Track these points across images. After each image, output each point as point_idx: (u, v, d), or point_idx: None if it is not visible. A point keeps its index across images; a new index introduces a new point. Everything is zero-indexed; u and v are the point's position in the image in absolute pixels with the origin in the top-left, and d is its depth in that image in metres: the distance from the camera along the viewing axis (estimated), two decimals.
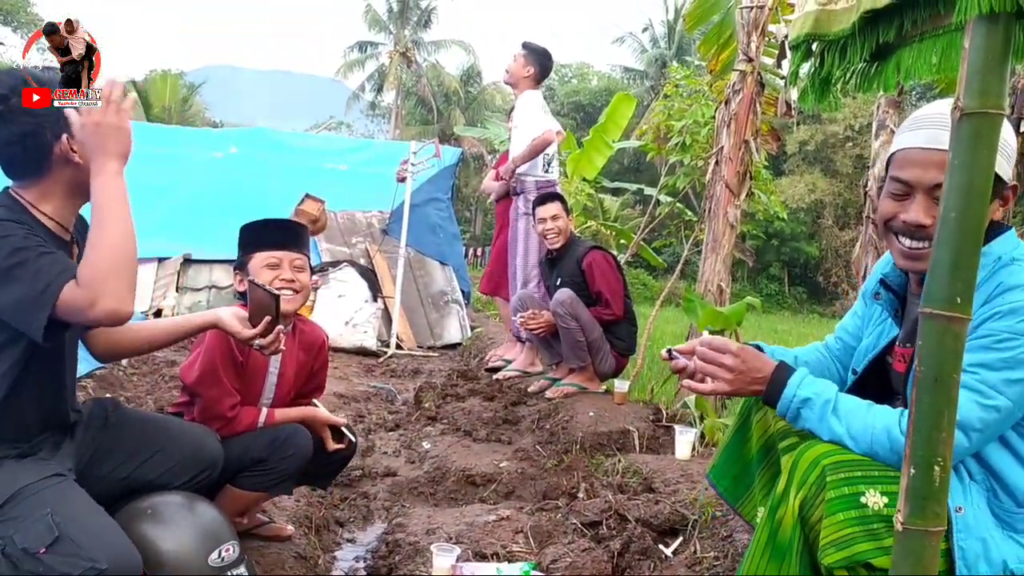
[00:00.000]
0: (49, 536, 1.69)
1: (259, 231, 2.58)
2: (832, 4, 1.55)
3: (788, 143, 28.88)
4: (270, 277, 2.47)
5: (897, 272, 1.90)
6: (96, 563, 1.67)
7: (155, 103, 31.27)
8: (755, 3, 4.84)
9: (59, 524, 1.71)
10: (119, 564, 1.71)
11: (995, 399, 1.55)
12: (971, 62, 1.20)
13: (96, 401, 2.21)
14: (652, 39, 39.54)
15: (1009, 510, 1.63)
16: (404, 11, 42.18)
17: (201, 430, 2.26)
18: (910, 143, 1.72)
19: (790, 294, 31.09)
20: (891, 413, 1.66)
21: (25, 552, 1.69)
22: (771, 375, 1.80)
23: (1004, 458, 1.64)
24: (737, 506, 2.13)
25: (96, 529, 1.76)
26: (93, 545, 1.70)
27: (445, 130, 36.02)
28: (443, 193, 9.45)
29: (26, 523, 1.72)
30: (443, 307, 8.57)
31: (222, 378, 2.38)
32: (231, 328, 2.15)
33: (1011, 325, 1.55)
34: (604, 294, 4.87)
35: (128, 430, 2.13)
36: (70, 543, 1.69)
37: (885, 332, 1.94)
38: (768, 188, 6.39)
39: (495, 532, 2.97)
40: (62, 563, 1.67)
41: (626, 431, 4.12)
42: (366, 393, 5.76)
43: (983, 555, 1.58)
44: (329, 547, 3.09)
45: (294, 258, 2.55)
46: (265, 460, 2.40)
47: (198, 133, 11.80)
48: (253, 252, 2.53)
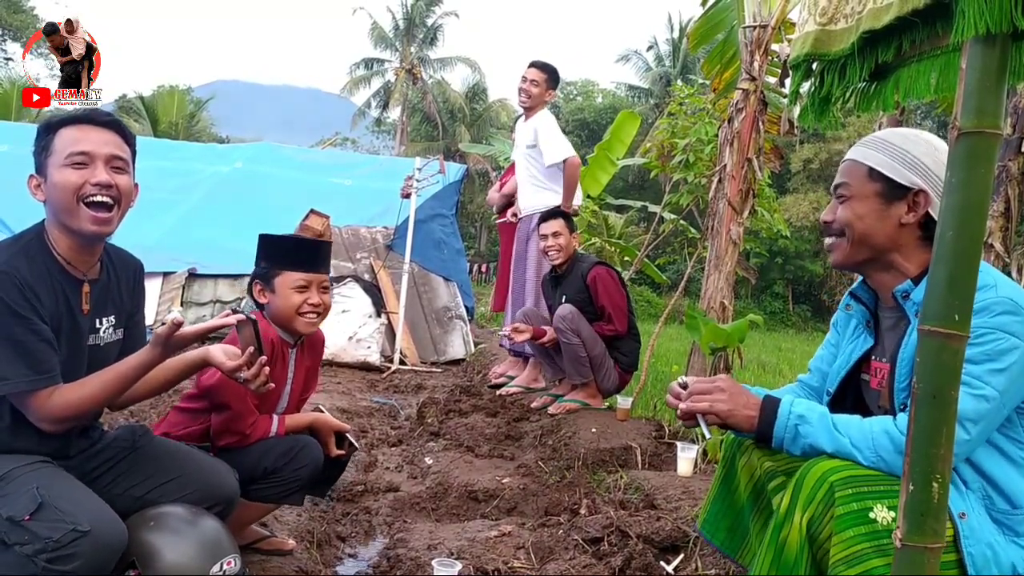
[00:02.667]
0: (32, 504, 1.73)
1: (291, 250, 2.58)
2: (832, 24, 1.57)
3: (792, 161, 28.95)
4: (299, 300, 2.50)
5: (864, 288, 1.98)
6: (79, 525, 1.70)
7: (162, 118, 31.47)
8: (758, 22, 4.88)
9: (43, 494, 1.75)
10: (102, 528, 1.74)
11: (983, 389, 1.61)
12: (968, 82, 1.21)
13: (127, 426, 2.28)
14: (657, 57, 39.77)
15: (1006, 512, 1.67)
16: (410, 29, 42.46)
17: (223, 466, 2.26)
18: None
19: (794, 312, 31.05)
20: (884, 419, 1.71)
21: (11, 521, 1.73)
22: (762, 402, 1.84)
23: (996, 462, 1.69)
24: (737, 557, 2.13)
25: (79, 498, 1.80)
26: (75, 511, 1.74)
27: (450, 146, 36.19)
28: (447, 209, 9.49)
29: (11, 497, 1.77)
30: (447, 323, 8.58)
31: (245, 396, 2.38)
32: (216, 361, 2.09)
33: (984, 321, 1.62)
34: (607, 308, 4.88)
35: (152, 454, 2.17)
36: (53, 510, 1.73)
37: (859, 346, 1.98)
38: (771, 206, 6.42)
39: (496, 548, 2.97)
40: (45, 528, 1.70)
41: (628, 448, 4.12)
42: (369, 408, 5.76)
43: (992, 559, 1.61)
44: (331, 562, 3.09)
45: (322, 280, 2.57)
46: (279, 471, 2.41)
47: (204, 148, 11.87)
48: (281, 269, 2.53)
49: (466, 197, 30.18)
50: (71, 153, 1.90)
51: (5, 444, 1.91)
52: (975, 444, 1.65)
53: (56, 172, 1.90)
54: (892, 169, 1.78)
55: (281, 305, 2.53)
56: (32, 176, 1.95)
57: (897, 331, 1.85)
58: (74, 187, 1.88)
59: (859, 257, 1.86)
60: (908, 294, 1.79)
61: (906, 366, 1.76)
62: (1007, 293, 1.65)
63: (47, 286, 1.91)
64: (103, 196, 1.91)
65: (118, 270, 2.15)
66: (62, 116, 1.97)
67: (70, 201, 1.89)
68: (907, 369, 1.76)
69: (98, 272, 2.07)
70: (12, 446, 1.91)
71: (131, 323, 2.18)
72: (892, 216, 1.79)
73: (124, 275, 2.17)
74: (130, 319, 2.18)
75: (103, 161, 1.92)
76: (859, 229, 1.82)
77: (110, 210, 1.93)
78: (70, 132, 1.93)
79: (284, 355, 2.61)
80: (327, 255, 2.66)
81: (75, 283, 2.00)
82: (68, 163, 1.89)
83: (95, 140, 1.93)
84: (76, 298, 1.99)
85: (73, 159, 1.90)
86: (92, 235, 1.93)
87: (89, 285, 2.03)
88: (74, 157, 1.89)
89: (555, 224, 5.10)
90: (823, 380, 2.12)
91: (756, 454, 2.03)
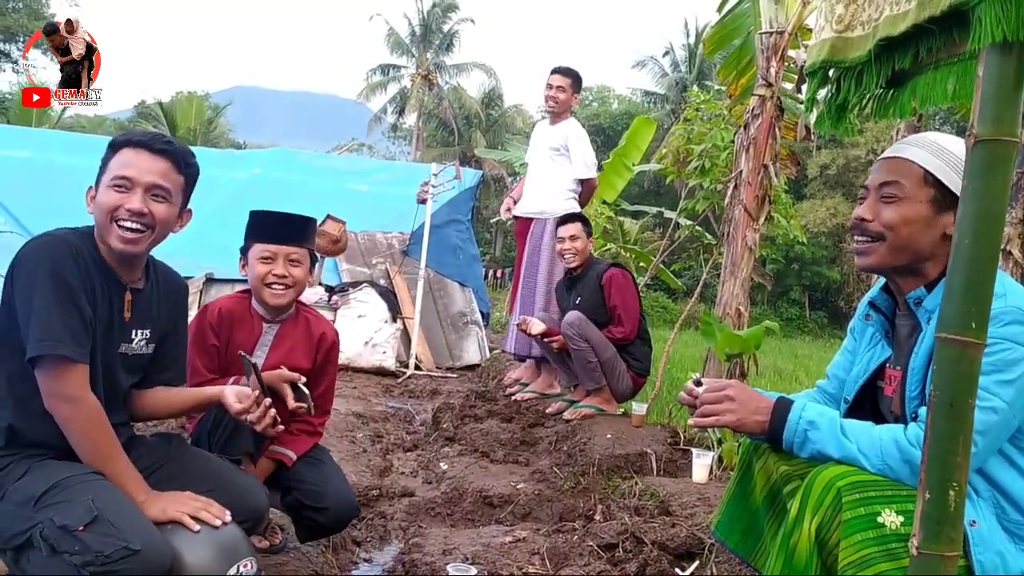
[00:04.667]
0: (88, 516, 1.74)
1: (260, 222, 2.67)
2: (848, 31, 1.57)
3: (809, 167, 28.80)
4: (264, 271, 2.58)
5: (883, 296, 1.95)
6: (130, 543, 1.72)
7: (181, 124, 31.78)
8: (775, 28, 4.87)
9: (98, 507, 1.76)
10: (152, 549, 1.76)
11: (990, 400, 1.59)
12: (985, 90, 1.21)
13: (164, 434, 2.37)
14: (673, 63, 39.68)
15: (1018, 523, 1.66)
16: (426, 35, 42.62)
17: (254, 481, 2.30)
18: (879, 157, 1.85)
19: (810, 318, 30.88)
20: (894, 427, 1.70)
21: (64, 530, 1.73)
22: (773, 405, 1.84)
23: (1008, 473, 1.68)
24: (751, 560, 2.13)
25: (132, 516, 1.82)
26: (129, 529, 1.75)
27: (466, 152, 36.28)
28: (463, 215, 9.51)
29: (66, 506, 1.78)
30: (462, 328, 8.59)
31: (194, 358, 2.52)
32: (228, 403, 2.21)
33: (993, 331, 1.58)
34: (619, 309, 4.88)
35: (188, 465, 2.20)
36: (107, 524, 1.74)
37: (876, 356, 1.96)
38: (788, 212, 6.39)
39: (511, 553, 2.97)
40: (98, 541, 1.71)
41: (643, 454, 4.11)
42: (384, 413, 5.78)
43: (1001, 567, 1.61)
44: (346, 566, 3.10)
45: (290, 252, 2.62)
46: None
47: (222, 155, 11.96)
48: (253, 242, 2.63)
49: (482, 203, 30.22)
50: (116, 176, 1.99)
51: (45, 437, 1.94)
52: (983, 456, 1.64)
53: (102, 190, 2.00)
54: (947, 176, 1.71)
55: (250, 276, 2.63)
56: (90, 188, 2.05)
57: (911, 339, 1.85)
58: (111, 208, 1.97)
59: (896, 263, 1.78)
60: (921, 301, 1.78)
61: (917, 374, 1.75)
62: (1016, 303, 1.64)
63: (95, 279, 1.98)
64: (133, 223, 1.98)
65: (161, 286, 2.21)
66: (127, 136, 2.06)
67: (105, 219, 1.98)
68: (918, 377, 1.75)
69: (142, 284, 2.13)
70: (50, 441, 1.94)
71: (163, 341, 2.22)
72: (940, 225, 1.72)
73: (167, 293, 2.23)
74: (163, 337, 2.21)
75: (143, 189, 1.99)
76: (904, 234, 1.74)
77: (140, 233, 2.00)
78: (125, 154, 2.01)
79: (253, 327, 2.70)
80: (301, 229, 2.70)
81: (119, 287, 2.05)
82: (112, 184, 1.98)
83: (141, 167, 2.00)
84: (119, 302, 2.05)
85: (116, 181, 1.98)
86: (120, 252, 2.01)
87: (132, 294, 2.08)
88: (117, 180, 1.98)
89: (573, 228, 5.13)
90: (840, 387, 2.10)
91: (773, 458, 2.02)
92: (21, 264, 1.90)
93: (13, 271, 1.90)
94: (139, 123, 33.05)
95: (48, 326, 1.84)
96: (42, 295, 1.85)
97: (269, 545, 2.74)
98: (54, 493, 1.82)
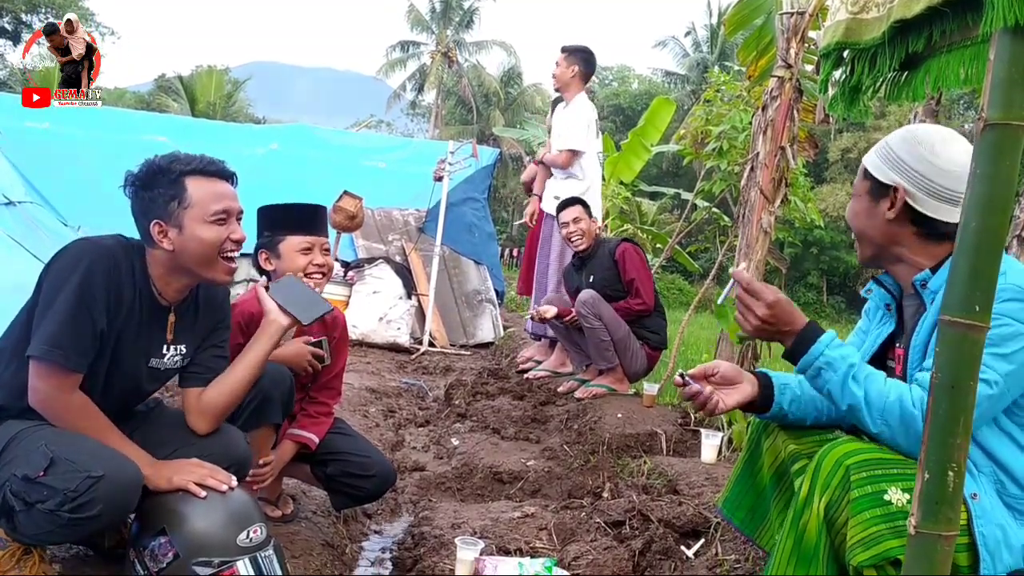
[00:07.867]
0: (44, 460, 1.79)
1: (292, 215, 2.69)
2: (863, 13, 1.57)
3: (830, 150, 28.52)
4: (305, 262, 2.61)
5: (890, 277, 1.98)
6: (91, 471, 1.76)
7: (200, 98, 31.80)
8: (796, 9, 4.82)
9: (52, 450, 1.81)
10: (114, 470, 1.80)
11: (986, 373, 1.59)
12: (995, 74, 1.21)
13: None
14: (694, 43, 39.31)
15: (1018, 497, 1.69)
16: (447, 11, 42.39)
17: (234, 431, 2.27)
18: None
19: (828, 303, 30.68)
20: (902, 386, 1.70)
21: (26, 480, 1.78)
22: (800, 329, 1.80)
23: (1007, 448, 1.70)
24: (755, 537, 2.15)
25: (88, 447, 1.85)
26: (86, 459, 1.80)
27: (484, 130, 36.15)
28: (480, 193, 9.50)
29: (23, 458, 1.82)
30: (477, 306, 8.62)
31: None
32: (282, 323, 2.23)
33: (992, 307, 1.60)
34: (636, 282, 4.92)
35: (168, 421, 2.22)
36: (65, 462, 1.78)
37: (883, 331, 1.98)
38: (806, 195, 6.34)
39: (519, 528, 3.01)
40: (62, 480, 1.76)
41: (653, 433, 4.13)
42: (397, 389, 5.83)
43: (1003, 541, 1.63)
44: (356, 537, 3.15)
45: (323, 242, 2.69)
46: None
47: (241, 129, 11.97)
48: (285, 235, 2.64)
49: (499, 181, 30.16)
50: (216, 211, 2.00)
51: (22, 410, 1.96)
52: (977, 426, 1.66)
53: (198, 227, 1.99)
54: (876, 168, 1.84)
55: (288, 268, 2.62)
56: (157, 223, 1.99)
57: (916, 318, 1.86)
58: (218, 243, 2.00)
59: (867, 252, 1.93)
60: (926, 282, 1.79)
61: (918, 350, 1.77)
62: (1016, 280, 1.65)
63: (127, 296, 1.98)
64: (235, 251, 2.04)
65: (202, 304, 2.21)
66: (185, 165, 2.02)
67: (212, 255, 2.01)
68: (919, 354, 1.77)
69: (186, 303, 2.15)
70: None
71: (197, 351, 2.21)
72: (879, 213, 1.84)
73: (209, 311, 2.23)
74: (197, 349, 2.21)
75: (236, 217, 2.05)
76: (856, 226, 1.91)
77: (236, 259, 2.07)
78: (207, 186, 2.02)
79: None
80: (324, 219, 2.78)
81: (161, 310, 2.08)
82: (213, 220, 2.00)
83: (230, 196, 2.06)
84: (161, 324, 2.08)
85: (218, 216, 2.00)
86: (223, 283, 2.08)
87: (175, 315, 2.11)
88: (220, 215, 2.01)
89: (574, 211, 5.16)
90: None
91: (781, 436, 2.05)
92: (60, 260, 1.93)
93: (52, 263, 1.94)
94: (159, 97, 33.11)
95: (58, 333, 1.86)
96: (64, 300, 1.87)
97: (281, 515, 2.79)
98: (12, 448, 1.86)
